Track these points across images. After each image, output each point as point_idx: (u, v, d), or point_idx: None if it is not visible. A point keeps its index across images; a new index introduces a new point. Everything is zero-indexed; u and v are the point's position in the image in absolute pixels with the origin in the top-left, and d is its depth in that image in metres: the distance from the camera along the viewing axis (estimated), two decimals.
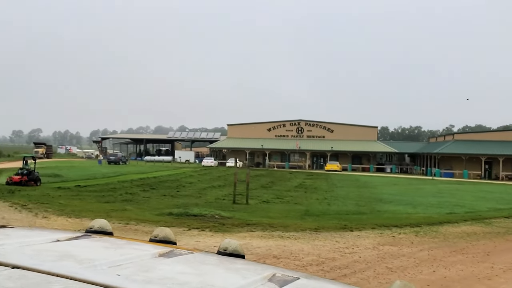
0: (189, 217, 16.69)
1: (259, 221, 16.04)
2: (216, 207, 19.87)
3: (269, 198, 25.00)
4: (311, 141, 79.09)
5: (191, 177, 42.43)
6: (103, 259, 1.60)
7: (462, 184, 43.30)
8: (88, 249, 1.80)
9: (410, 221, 16.39)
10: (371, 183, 40.77)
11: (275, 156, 79.70)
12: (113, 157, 69.55)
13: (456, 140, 64.18)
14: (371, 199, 25.83)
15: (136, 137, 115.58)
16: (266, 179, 42.22)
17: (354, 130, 79.61)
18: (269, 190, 31.00)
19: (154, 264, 1.66)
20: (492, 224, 16.64)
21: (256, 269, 1.80)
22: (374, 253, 11.15)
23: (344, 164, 73.24)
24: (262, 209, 19.95)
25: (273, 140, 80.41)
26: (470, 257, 10.92)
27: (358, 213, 19.20)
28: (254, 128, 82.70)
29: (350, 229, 14.68)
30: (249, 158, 79.88)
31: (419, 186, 39.11)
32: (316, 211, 19.48)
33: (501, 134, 64.52)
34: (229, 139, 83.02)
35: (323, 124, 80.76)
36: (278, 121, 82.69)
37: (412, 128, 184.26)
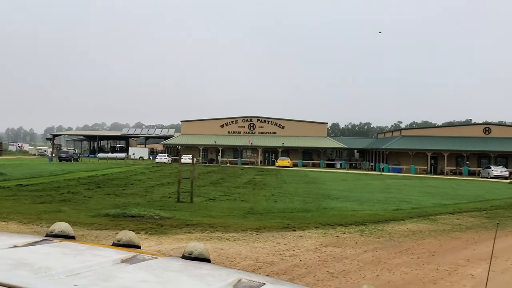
0: (126, 218, 15.59)
1: (200, 221, 15.16)
2: (159, 206, 18.84)
3: (217, 196, 24.16)
4: (263, 137, 78.92)
5: (141, 174, 41.39)
6: (62, 267, 1.52)
7: (409, 179, 43.84)
8: (47, 256, 1.71)
9: (356, 219, 15.91)
10: (320, 179, 40.59)
11: (228, 152, 79.25)
12: (64, 154, 67.65)
13: (403, 136, 65.39)
14: (318, 196, 25.41)
15: (89, 133, 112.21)
16: (217, 176, 41.39)
17: (305, 126, 79.86)
18: (218, 187, 30.15)
19: (115, 271, 1.58)
20: (438, 221, 16.41)
21: (221, 274, 1.76)
22: (316, 255, 10.48)
23: (295, 160, 73.46)
24: (206, 208, 19.04)
25: (226, 137, 79.94)
26: (415, 258, 10.42)
27: (303, 210, 18.61)
28: (207, 124, 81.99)
29: (293, 228, 14.02)
30: (203, 154, 79.15)
31: (367, 181, 39.23)
32: (260, 209, 18.75)
33: (446, 130, 66.38)
34: (183, 136, 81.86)
35: (275, 121, 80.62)
36: (230, 118, 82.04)
37: (362, 124, 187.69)
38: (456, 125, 66.09)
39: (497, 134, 63.07)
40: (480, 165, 60.88)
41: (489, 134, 63.43)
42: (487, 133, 63.59)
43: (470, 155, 61.50)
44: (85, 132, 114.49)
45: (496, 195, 29.00)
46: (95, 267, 1.57)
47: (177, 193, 21.11)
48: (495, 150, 59.92)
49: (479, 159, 62.14)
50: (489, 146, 60.69)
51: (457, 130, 65.00)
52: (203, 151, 79.37)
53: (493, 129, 63.76)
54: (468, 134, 63.67)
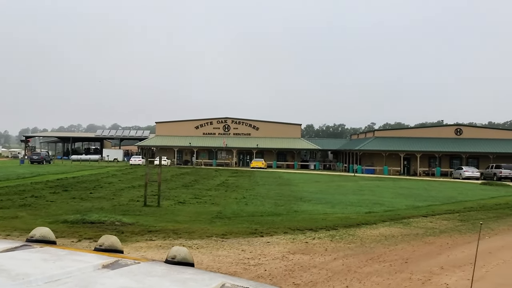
0: (85, 225, 14.68)
1: (164, 227, 14.36)
2: (123, 211, 17.95)
3: (187, 199, 23.35)
4: (237, 139, 78.34)
5: (113, 176, 40.44)
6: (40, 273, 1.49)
7: (382, 181, 43.68)
8: (26, 262, 1.68)
9: (327, 223, 15.32)
10: (293, 181, 40.07)
11: (203, 154, 78.58)
12: (36, 157, 66.63)
13: (376, 137, 65.46)
14: (290, 198, 24.81)
15: (63, 135, 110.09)
16: (190, 178, 40.60)
17: (279, 127, 79.53)
18: (189, 189, 29.34)
19: (95, 277, 1.55)
20: (411, 224, 15.95)
21: (204, 279, 1.74)
22: (282, 264, 9.82)
23: (269, 161, 73.04)
24: (172, 212, 18.22)
25: (201, 138, 79.21)
26: (387, 266, 9.85)
27: (273, 214, 17.95)
28: (182, 126, 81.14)
29: (260, 234, 13.34)
30: (178, 155, 78.19)
31: (340, 183, 38.87)
32: (229, 213, 18.03)
33: (418, 131, 66.81)
34: (157, 137, 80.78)
35: (249, 122, 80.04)
36: (205, 119, 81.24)
37: (336, 126, 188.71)
38: (428, 126, 66.54)
39: (468, 135, 63.71)
40: (452, 166, 61.35)
41: (461, 135, 64.03)
42: (458, 134, 64.16)
43: (442, 156, 61.93)
44: (58, 134, 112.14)
45: (469, 196, 28.88)
46: (75, 273, 1.54)
47: (144, 197, 20.23)
48: (466, 151, 60.44)
49: (451, 160, 62.63)
50: (460, 147, 61.21)
51: (429, 131, 65.49)
52: (178, 153, 78.38)
53: (464, 130, 64.39)
54: (440, 135, 64.17)
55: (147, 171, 20.25)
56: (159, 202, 19.80)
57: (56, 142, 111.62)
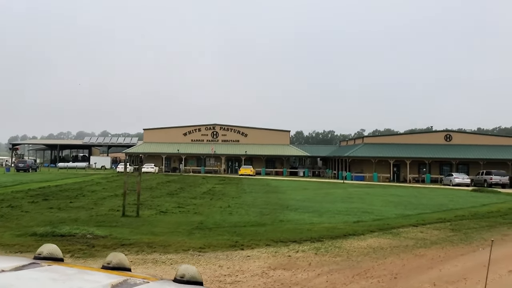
0: (55, 238, 13.74)
1: (138, 240, 13.47)
2: (99, 222, 17.05)
3: (170, 208, 22.49)
4: (226, 145, 77.57)
5: (97, 184, 39.57)
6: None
7: (372, 188, 43.03)
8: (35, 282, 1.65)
9: (312, 234, 14.52)
10: (281, 188, 39.28)
11: (191, 161, 77.78)
12: (22, 164, 65.82)
13: (365, 144, 64.91)
14: (277, 206, 24.00)
15: (50, 142, 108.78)
16: (176, 185, 39.71)
17: (268, 134, 78.86)
18: (174, 197, 28.46)
19: None
20: (400, 235, 15.18)
21: None
22: (261, 282, 9.00)
23: (258, 168, 72.32)
24: (151, 223, 17.32)
25: (189, 145, 78.36)
26: (375, 283, 9.06)
27: (257, 224, 17.12)
28: (170, 132, 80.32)
29: (241, 247, 12.51)
30: (166, 163, 77.30)
31: (329, 190, 38.15)
32: (211, 223, 17.17)
33: (408, 137, 66.31)
34: (145, 144, 79.83)
35: (238, 128, 79.29)
36: (193, 125, 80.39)
37: (325, 132, 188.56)
38: (418, 133, 66.00)
39: (458, 141, 63.38)
40: (442, 172, 60.93)
41: (450, 141, 63.67)
42: (448, 140, 63.80)
43: (432, 163, 61.51)
44: (46, 141, 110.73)
45: (460, 203, 28.26)
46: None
47: (123, 207, 19.31)
48: (456, 157, 60.06)
49: (441, 166, 62.22)
50: (450, 153, 60.83)
51: (419, 137, 65.05)
52: (166, 160, 77.41)
53: (454, 136, 64.05)
54: (429, 141, 63.79)
55: (125, 179, 19.31)
56: (138, 212, 18.90)
57: (44, 150, 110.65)
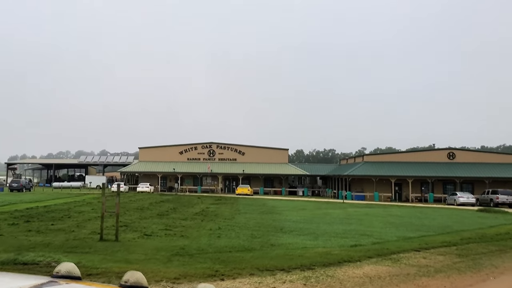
0: (16, 267, 12.27)
1: (108, 269, 11.97)
2: (71, 247, 15.55)
3: (156, 230, 21.02)
4: (223, 164, 76.24)
5: (87, 205, 38.03)
6: None
7: (372, 208, 41.47)
8: None
9: (303, 261, 13.03)
10: (278, 208, 37.75)
11: (188, 180, 76.48)
12: (16, 184, 64.56)
13: (366, 162, 63.36)
14: (270, 228, 22.51)
15: (46, 162, 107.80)
16: (168, 206, 38.27)
17: (266, 152, 77.53)
18: (163, 218, 26.96)
19: None
20: (401, 261, 13.67)
21: None
22: None
23: (256, 187, 70.89)
24: (128, 248, 15.80)
25: (185, 163, 77.11)
26: None
27: (245, 249, 15.63)
28: (166, 151, 79.20)
29: (221, 276, 11.04)
30: (162, 182, 76.02)
31: (328, 210, 36.62)
32: (194, 248, 15.67)
33: (410, 155, 64.64)
34: (141, 163, 78.61)
35: (235, 147, 78.01)
36: (189, 144, 79.17)
37: (326, 151, 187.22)
38: (420, 151, 64.39)
39: (461, 159, 61.82)
40: (445, 191, 59.32)
41: (454, 159, 62.13)
42: (451, 159, 62.27)
43: (435, 181, 59.91)
44: (41, 161, 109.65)
45: (465, 225, 26.73)
46: None
47: (101, 230, 17.82)
48: (460, 176, 58.46)
49: (444, 185, 60.61)
50: (454, 171, 59.25)
51: (421, 155, 63.44)
52: (162, 179, 76.07)
53: (457, 154, 62.49)
54: (432, 159, 62.26)
55: (103, 200, 17.84)
56: (117, 236, 17.41)
57: (41, 169, 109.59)
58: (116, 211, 17.83)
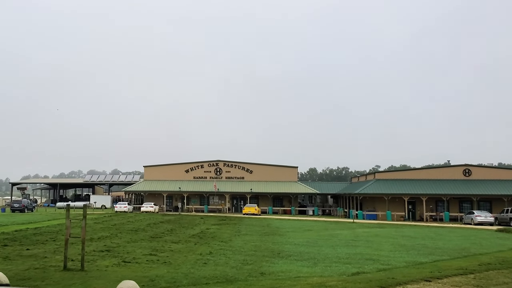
0: None
1: None
2: (24, 278, 13.61)
3: (139, 256, 19.00)
4: (230, 183, 74.14)
5: (80, 227, 36.03)
6: None
7: (383, 228, 39.01)
8: None
9: None
10: (282, 229, 35.50)
11: (194, 199, 74.47)
12: (17, 205, 63.40)
13: (377, 180, 60.71)
14: (267, 252, 20.38)
15: (51, 181, 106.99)
16: (167, 227, 36.26)
17: (274, 170, 75.28)
18: (154, 242, 24.90)
19: None
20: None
21: None
22: None
23: (264, 206, 68.67)
24: (87, 281, 13.61)
25: (192, 182, 75.15)
26: None
27: (226, 280, 13.51)
28: (171, 169, 77.40)
29: None
30: (168, 201, 74.19)
31: (335, 231, 34.28)
32: (167, 280, 13.58)
33: (423, 172, 61.75)
34: (146, 182, 76.85)
35: (242, 165, 75.92)
36: (196, 162, 77.30)
37: (339, 169, 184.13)
38: (434, 167, 61.49)
39: (478, 176, 58.94)
40: (461, 210, 56.47)
41: (470, 176, 59.27)
42: (467, 175, 59.40)
43: (451, 199, 57.10)
44: (46, 180, 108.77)
45: (484, 247, 24.27)
46: None
47: (64, 258, 15.69)
48: (477, 194, 55.56)
49: (461, 203, 57.74)
50: (470, 189, 56.40)
51: (435, 172, 60.64)
52: (167, 198, 74.18)
53: (473, 171, 59.58)
54: (447, 176, 59.46)
55: (67, 224, 15.78)
56: (83, 264, 15.32)
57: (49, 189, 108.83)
58: (82, 236, 15.66)
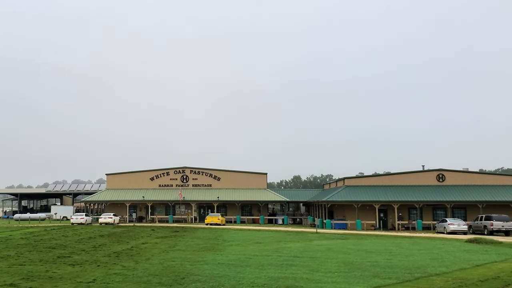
0: None
1: None
2: None
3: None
4: (197, 191, 70.24)
5: (22, 239, 33.79)
6: None
7: (345, 239, 35.22)
8: None
9: None
10: (227, 242, 31.54)
11: (159, 209, 70.45)
12: None
13: (347, 186, 56.80)
14: (171, 277, 16.50)
15: (11, 191, 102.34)
16: (99, 242, 32.46)
17: (243, 177, 71.42)
18: (47, 264, 20.35)
19: None
20: None
21: None
22: None
23: (233, 215, 64.84)
24: None
25: (157, 191, 71.10)
26: None
27: None
28: (135, 177, 73.26)
29: None
30: (132, 211, 69.94)
31: (287, 244, 30.42)
32: None
33: (395, 178, 57.60)
34: (108, 191, 72.59)
35: (209, 172, 71.97)
36: (161, 169, 73.25)
37: (323, 176, 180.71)
38: (406, 173, 57.73)
39: (452, 182, 55.32)
40: (435, 217, 52.88)
41: (443, 181, 55.64)
42: (441, 181, 55.77)
43: (424, 206, 53.48)
44: (10, 191, 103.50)
45: (445, 263, 20.54)
46: None
47: None
48: (451, 200, 51.95)
49: (434, 210, 54.14)
50: (444, 195, 52.79)
51: (408, 178, 56.78)
52: (131, 208, 69.82)
53: (447, 176, 55.91)
54: (420, 182, 55.75)
55: None
56: None
57: (13, 200, 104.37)
58: None
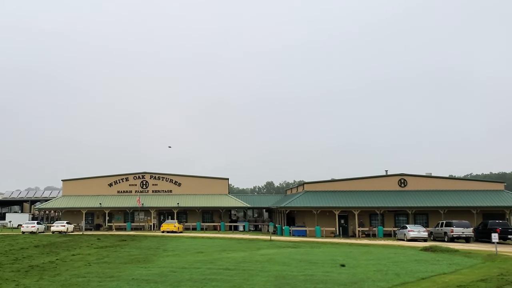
0: None
1: None
2: None
3: None
4: (156, 197, 67.83)
5: None
6: None
7: (295, 248, 33.32)
8: None
9: None
10: (166, 253, 29.28)
11: (118, 216, 67.74)
12: None
13: (306, 191, 55.04)
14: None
15: None
16: (31, 252, 30.27)
17: (204, 183, 69.27)
18: None
19: None
20: None
21: None
22: None
23: (193, 222, 62.64)
24: None
25: (115, 197, 68.43)
26: None
27: None
28: (93, 183, 70.38)
29: None
30: (89, 219, 66.99)
31: (230, 254, 28.32)
32: None
33: (356, 183, 55.90)
34: (64, 198, 69.60)
35: (170, 177, 69.65)
36: (120, 175, 70.67)
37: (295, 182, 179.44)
38: (368, 178, 56.32)
39: (414, 187, 54.06)
40: (397, 224, 51.48)
41: (405, 187, 54.36)
42: (402, 186, 54.49)
43: (385, 212, 52.07)
44: None
45: (388, 276, 18.68)
46: None
47: None
48: (412, 206, 50.65)
49: (396, 216, 52.78)
50: (405, 201, 51.48)
51: (369, 183, 55.28)
52: (88, 215, 66.82)
53: (409, 181, 54.63)
54: (382, 187, 54.39)
55: None
56: None
57: None
58: None
